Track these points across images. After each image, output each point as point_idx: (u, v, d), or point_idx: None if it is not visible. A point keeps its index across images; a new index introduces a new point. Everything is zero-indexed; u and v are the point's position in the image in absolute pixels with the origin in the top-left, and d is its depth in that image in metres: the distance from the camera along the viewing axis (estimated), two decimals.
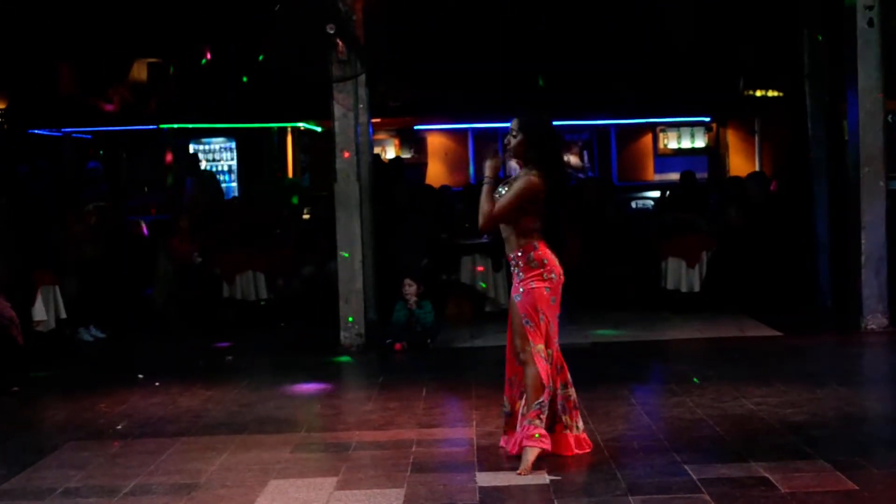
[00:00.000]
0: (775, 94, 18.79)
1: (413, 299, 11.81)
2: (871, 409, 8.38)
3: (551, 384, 6.86)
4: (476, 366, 10.79)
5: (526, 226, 6.93)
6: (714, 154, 20.76)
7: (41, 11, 16.86)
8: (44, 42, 17.49)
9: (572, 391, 7.10)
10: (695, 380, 9.26)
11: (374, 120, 13.17)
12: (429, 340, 11.74)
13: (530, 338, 6.82)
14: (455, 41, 17.62)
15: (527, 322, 6.85)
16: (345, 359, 11.45)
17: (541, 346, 6.83)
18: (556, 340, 6.97)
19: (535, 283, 6.89)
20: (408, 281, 11.84)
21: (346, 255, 11.68)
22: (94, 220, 13.36)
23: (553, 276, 6.93)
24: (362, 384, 10.44)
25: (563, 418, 7.04)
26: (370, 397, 9.29)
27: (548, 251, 6.94)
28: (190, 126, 19.99)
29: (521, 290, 6.93)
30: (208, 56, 16.36)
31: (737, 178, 15.96)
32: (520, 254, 6.94)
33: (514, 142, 6.99)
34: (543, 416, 6.76)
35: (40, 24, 17.02)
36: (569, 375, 7.09)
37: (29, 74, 17.70)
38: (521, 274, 6.95)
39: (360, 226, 11.84)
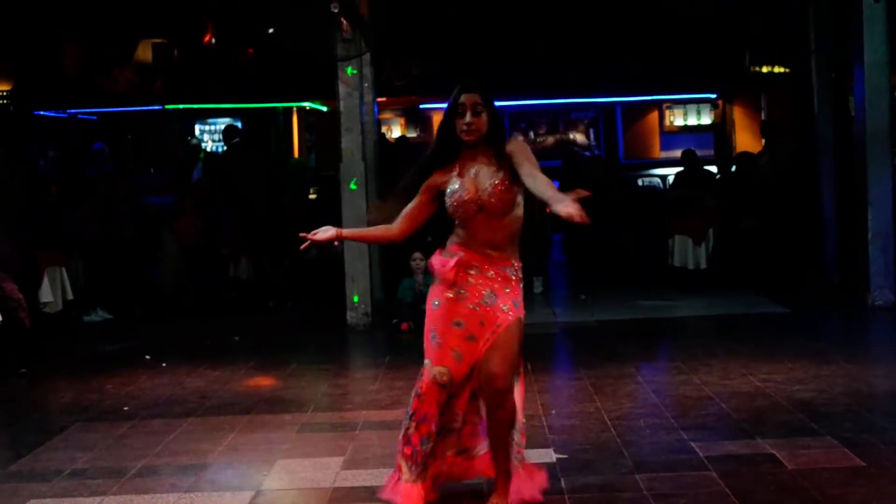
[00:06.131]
0: (781, 69, 18.69)
1: (421, 274, 11.72)
2: (878, 385, 8.37)
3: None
4: None
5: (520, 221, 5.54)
6: (720, 131, 20.70)
7: None
8: (49, 23, 17.46)
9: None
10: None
11: (379, 99, 13.15)
12: None
13: (517, 365, 5.52)
14: (460, 19, 17.56)
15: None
16: (351, 339, 11.48)
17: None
18: None
19: (520, 303, 5.54)
20: (418, 255, 11.74)
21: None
22: (102, 199, 13.36)
23: None
24: (369, 364, 10.42)
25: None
26: (377, 377, 9.29)
27: None
28: (195, 106, 19.96)
29: (518, 315, 5.47)
30: (211, 36, 16.31)
31: (748, 154, 15.80)
32: (515, 263, 5.55)
33: (480, 122, 5.39)
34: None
35: (45, 5, 16.98)
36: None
37: (34, 56, 17.68)
38: (512, 288, 5.53)
39: (366, 205, 11.83)
